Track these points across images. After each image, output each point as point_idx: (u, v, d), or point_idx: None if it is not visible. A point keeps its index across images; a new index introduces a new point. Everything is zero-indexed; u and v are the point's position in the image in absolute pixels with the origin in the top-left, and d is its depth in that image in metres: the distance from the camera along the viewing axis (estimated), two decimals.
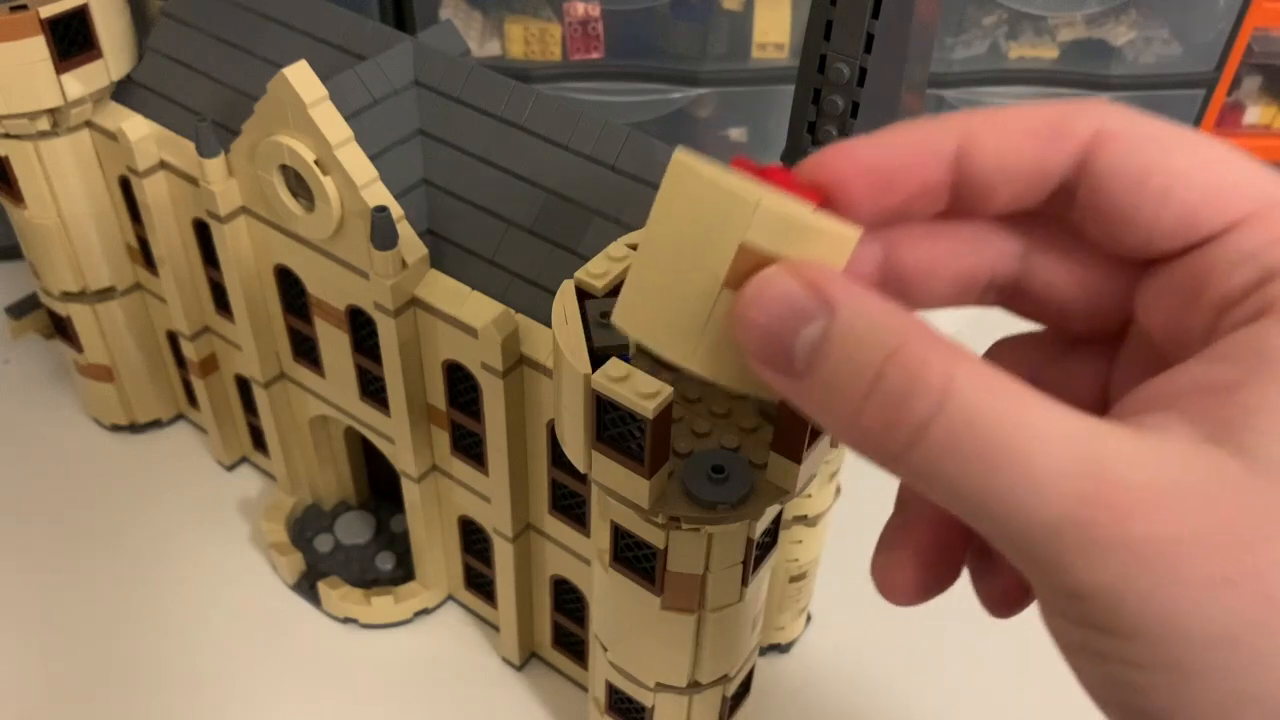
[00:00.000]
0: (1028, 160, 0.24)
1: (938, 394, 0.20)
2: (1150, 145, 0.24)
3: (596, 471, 0.42)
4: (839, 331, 0.22)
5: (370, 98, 0.54)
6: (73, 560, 0.71)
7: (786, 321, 0.22)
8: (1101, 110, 0.24)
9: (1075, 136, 0.24)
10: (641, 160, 0.51)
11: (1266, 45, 0.86)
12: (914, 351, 0.21)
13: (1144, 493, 0.19)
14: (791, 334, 0.22)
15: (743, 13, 0.79)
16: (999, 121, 0.24)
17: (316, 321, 0.61)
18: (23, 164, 0.64)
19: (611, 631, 0.52)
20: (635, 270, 0.25)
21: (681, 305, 0.24)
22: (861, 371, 0.21)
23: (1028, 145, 0.24)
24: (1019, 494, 0.20)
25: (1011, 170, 0.24)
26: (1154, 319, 0.25)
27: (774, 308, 0.22)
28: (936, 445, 0.20)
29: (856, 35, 0.42)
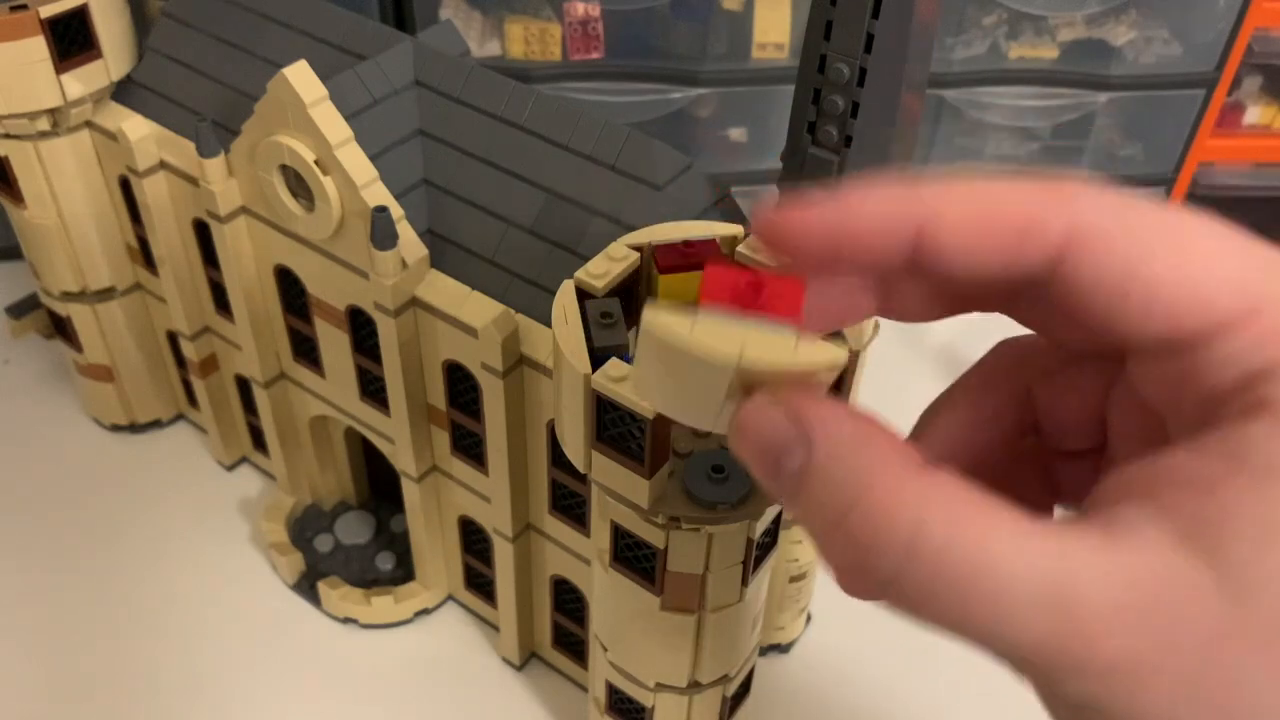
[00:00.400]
0: (993, 263, 0.23)
1: (904, 545, 0.21)
2: (1129, 248, 0.22)
3: (596, 471, 0.42)
4: (815, 469, 0.23)
5: (370, 98, 0.54)
6: (72, 560, 0.71)
7: (772, 452, 0.23)
8: (1076, 203, 0.22)
9: (1046, 238, 0.22)
10: (641, 160, 0.51)
11: (1266, 45, 0.86)
12: (879, 498, 0.22)
13: (1112, 615, 0.20)
14: (777, 463, 0.23)
15: (743, 13, 0.79)
16: (963, 213, 0.23)
17: (316, 321, 0.61)
18: (23, 164, 0.64)
19: (611, 631, 0.52)
20: (641, 367, 0.25)
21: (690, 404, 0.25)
22: (833, 514, 0.22)
23: (993, 247, 0.23)
24: (995, 628, 0.20)
25: (975, 270, 0.23)
26: (1145, 388, 0.25)
27: (760, 440, 0.24)
28: (906, 595, 0.21)
29: (856, 35, 0.42)
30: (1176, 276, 0.22)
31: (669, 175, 0.50)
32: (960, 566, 0.20)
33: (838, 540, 0.22)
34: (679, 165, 0.51)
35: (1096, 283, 0.22)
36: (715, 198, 0.52)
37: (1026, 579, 0.20)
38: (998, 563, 0.20)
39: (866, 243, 0.23)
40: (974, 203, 0.23)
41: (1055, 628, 0.20)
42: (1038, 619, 0.20)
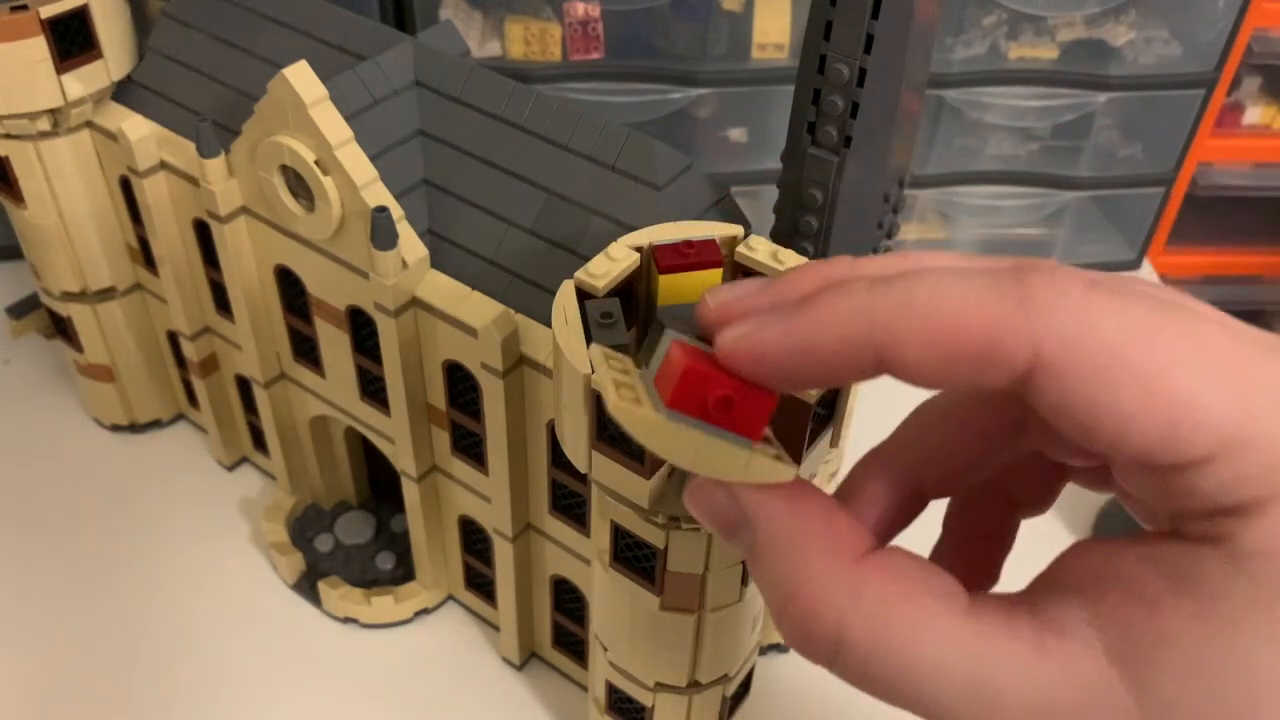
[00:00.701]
0: (960, 383, 0.23)
1: (831, 642, 0.23)
2: (1094, 381, 0.21)
3: (596, 471, 0.42)
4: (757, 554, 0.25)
5: (370, 98, 0.55)
6: (72, 560, 0.71)
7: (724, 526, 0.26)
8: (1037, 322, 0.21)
9: (1010, 364, 0.21)
10: (641, 160, 0.51)
11: (1266, 45, 0.86)
12: (807, 598, 0.23)
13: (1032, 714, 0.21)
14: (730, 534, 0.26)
15: (743, 13, 0.79)
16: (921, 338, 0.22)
17: (317, 321, 0.61)
18: (23, 164, 0.65)
19: (611, 631, 0.52)
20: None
21: None
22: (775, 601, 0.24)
23: (956, 371, 0.22)
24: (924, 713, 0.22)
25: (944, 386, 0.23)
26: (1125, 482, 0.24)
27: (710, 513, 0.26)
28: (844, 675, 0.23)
29: (856, 35, 0.42)
30: (1145, 414, 0.21)
31: (669, 175, 0.50)
32: (885, 664, 0.23)
33: (782, 624, 0.24)
34: (679, 165, 0.51)
35: (1063, 410, 0.22)
36: (715, 198, 0.52)
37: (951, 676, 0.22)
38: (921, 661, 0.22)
39: (827, 368, 0.24)
40: (931, 322, 0.22)
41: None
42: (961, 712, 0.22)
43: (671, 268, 0.43)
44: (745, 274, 0.45)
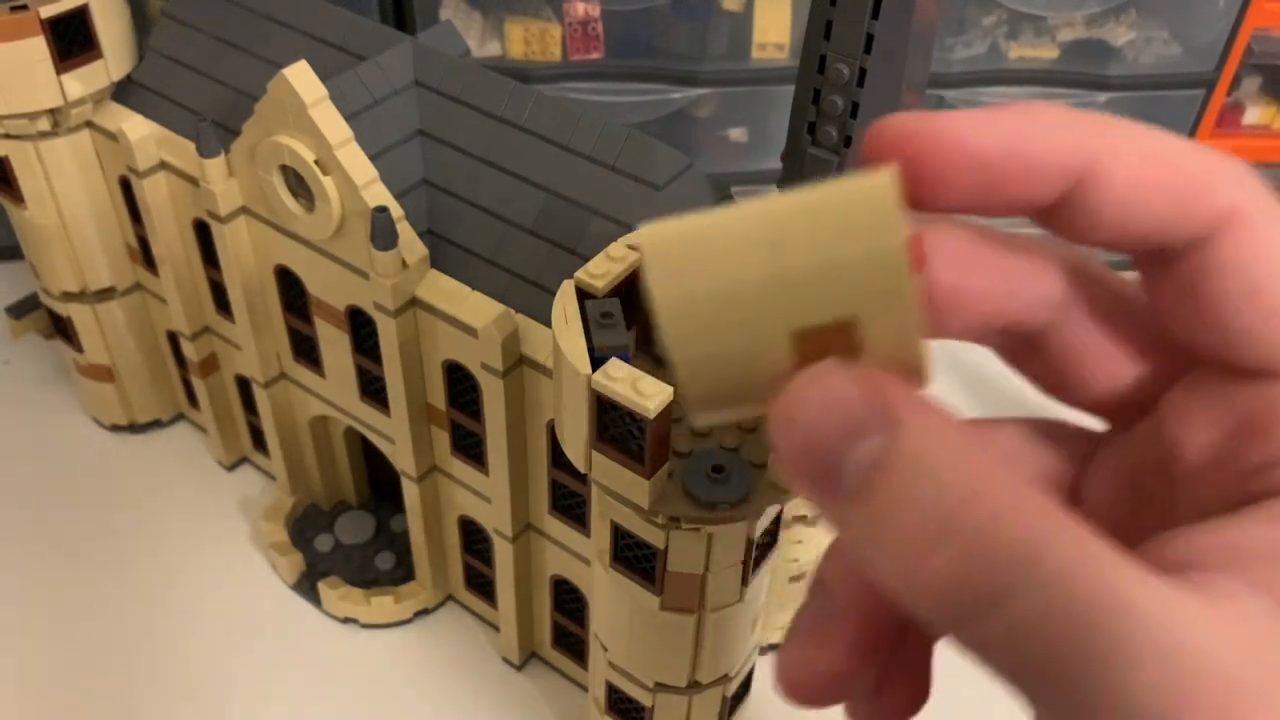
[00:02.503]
0: (1154, 215, 0.20)
1: (1024, 560, 0.17)
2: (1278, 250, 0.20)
3: (596, 471, 0.42)
4: (902, 458, 0.18)
5: (370, 98, 0.55)
6: (72, 560, 0.71)
7: (835, 432, 0.18)
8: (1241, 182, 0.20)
9: (1214, 207, 0.20)
10: (641, 160, 0.51)
11: (1266, 45, 0.86)
12: (994, 500, 0.18)
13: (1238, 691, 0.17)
14: (839, 449, 0.18)
15: (743, 13, 0.79)
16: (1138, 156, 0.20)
17: (316, 321, 0.61)
18: (23, 164, 0.64)
19: (611, 631, 0.52)
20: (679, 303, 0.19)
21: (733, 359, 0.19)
22: (929, 515, 0.18)
23: (1160, 199, 0.20)
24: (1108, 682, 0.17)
25: (1132, 220, 0.20)
26: (1190, 430, 0.21)
27: (821, 413, 0.18)
28: (1017, 620, 0.17)
29: (856, 35, 0.42)
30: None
31: (669, 175, 0.50)
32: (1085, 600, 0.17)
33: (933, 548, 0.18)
34: (679, 165, 0.51)
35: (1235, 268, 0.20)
36: (715, 198, 0.52)
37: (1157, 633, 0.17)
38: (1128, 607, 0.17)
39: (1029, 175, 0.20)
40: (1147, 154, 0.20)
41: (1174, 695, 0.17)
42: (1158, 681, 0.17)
43: None
44: None
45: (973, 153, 0.19)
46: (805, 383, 0.19)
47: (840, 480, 0.18)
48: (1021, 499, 0.18)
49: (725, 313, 0.18)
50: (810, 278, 0.18)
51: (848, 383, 0.18)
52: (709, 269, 0.18)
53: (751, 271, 0.18)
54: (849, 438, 0.18)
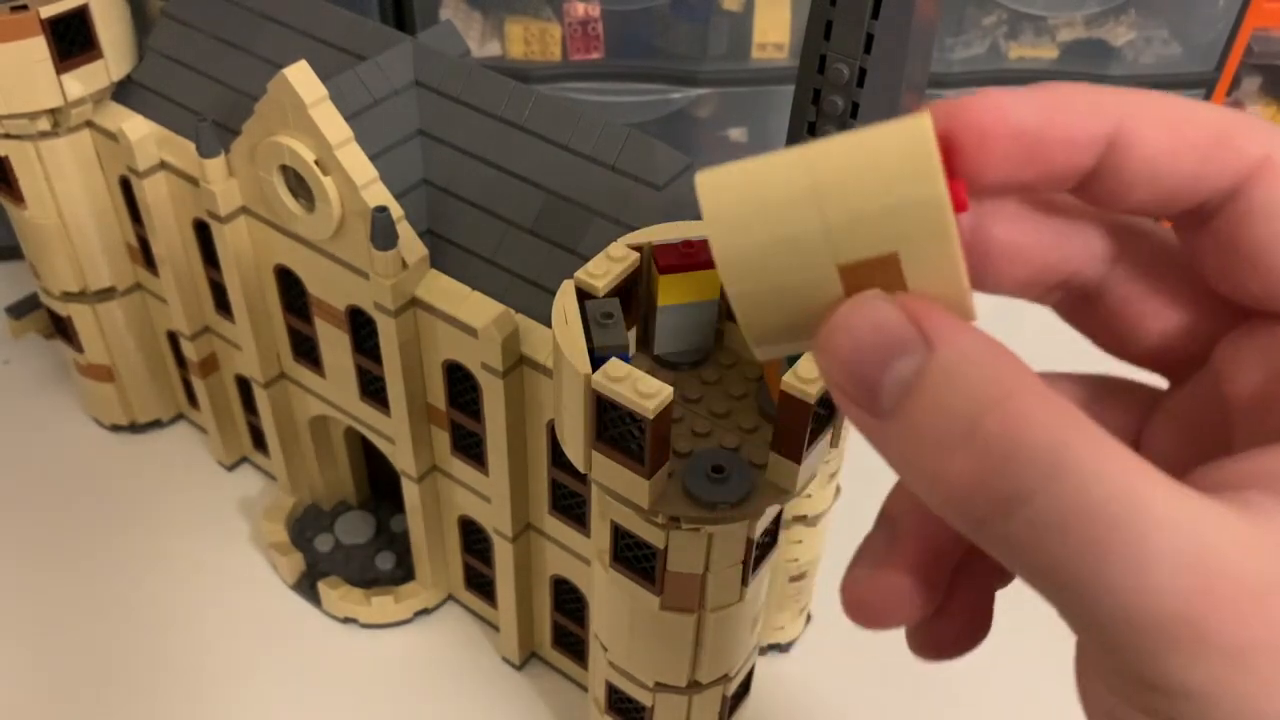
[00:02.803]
0: (1183, 171, 0.21)
1: (1046, 461, 0.18)
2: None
3: (596, 471, 0.42)
4: (935, 371, 0.19)
5: (370, 98, 0.55)
6: (72, 560, 0.71)
7: (875, 353, 0.20)
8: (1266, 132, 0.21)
9: (1241, 158, 0.21)
10: (641, 160, 0.51)
11: (1266, 45, 0.86)
12: (1021, 406, 0.18)
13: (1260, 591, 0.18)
14: (880, 367, 0.19)
15: (743, 13, 0.79)
16: (1161, 117, 0.21)
17: (317, 321, 0.61)
18: (23, 164, 0.65)
19: (611, 631, 0.52)
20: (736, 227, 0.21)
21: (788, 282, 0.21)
22: (957, 421, 0.19)
23: (1187, 155, 0.21)
24: (1126, 581, 0.18)
25: (1162, 178, 0.21)
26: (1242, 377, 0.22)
27: (863, 335, 0.20)
28: (1038, 519, 0.18)
29: (856, 35, 0.43)
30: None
31: (669, 175, 0.50)
32: (1105, 506, 0.18)
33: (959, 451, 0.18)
34: (679, 165, 0.51)
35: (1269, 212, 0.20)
36: None
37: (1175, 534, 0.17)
38: (1149, 507, 0.18)
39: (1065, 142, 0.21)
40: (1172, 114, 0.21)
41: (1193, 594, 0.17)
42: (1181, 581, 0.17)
43: (671, 268, 0.43)
44: None
45: (1012, 123, 0.20)
46: (848, 309, 0.20)
47: (879, 398, 0.19)
48: (1048, 406, 0.18)
49: (777, 252, 0.20)
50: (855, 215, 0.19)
51: (888, 307, 0.20)
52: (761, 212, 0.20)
53: (800, 211, 0.19)
54: (889, 357, 0.19)
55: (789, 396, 0.38)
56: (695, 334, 0.46)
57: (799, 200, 0.20)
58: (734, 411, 0.44)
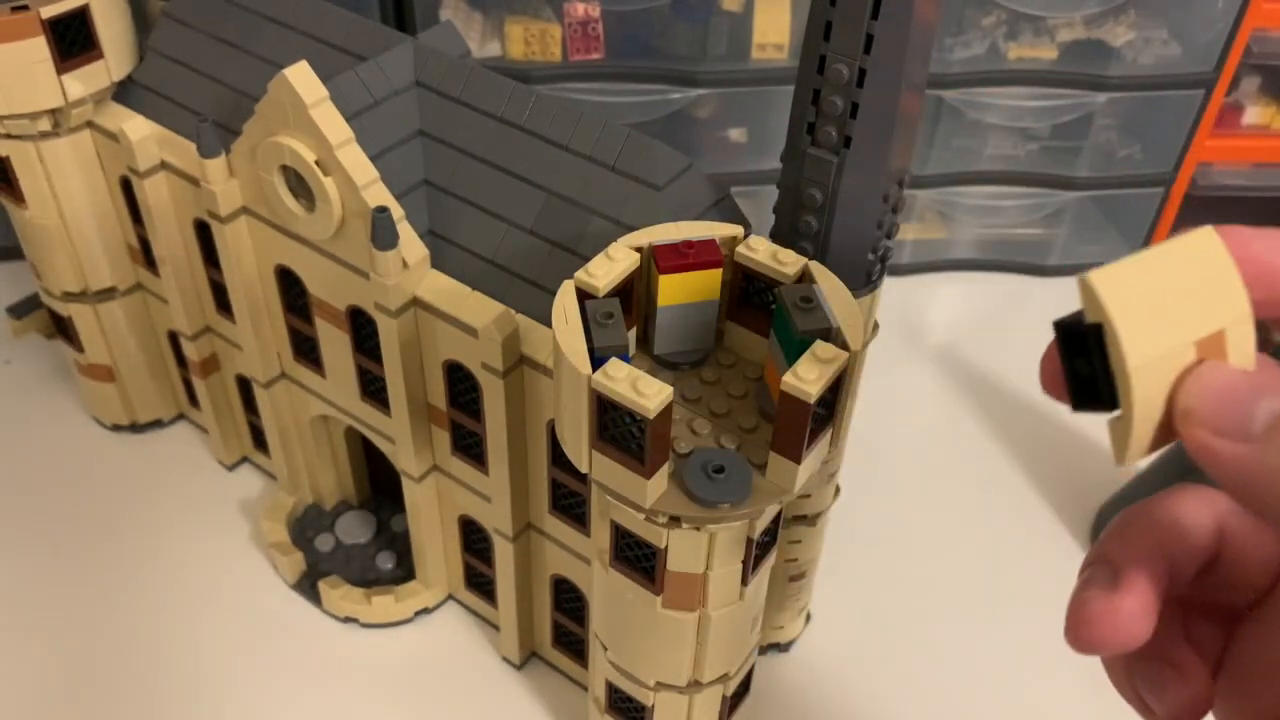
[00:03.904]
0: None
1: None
2: None
3: (597, 471, 0.42)
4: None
5: (371, 98, 0.55)
6: (73, 559, 0.71)
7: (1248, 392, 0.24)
8: None
9: None
10: (641, 160, 0.51)
11: (1265, 45, 0.86)
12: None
13: None
14: (1252, 402, 0.24)
15: (743, 13, 0.79)
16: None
17: (317, 321, 0.61)
18: (24, 164, 0.65)
19: (611, 631, 0.52)
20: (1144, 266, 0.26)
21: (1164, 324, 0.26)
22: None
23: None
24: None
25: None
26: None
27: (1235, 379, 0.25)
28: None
29: (856, 36, 0.43)
30: None
31: (669, 175, 0.50)
32: None
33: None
34: (679, 165, 0.51)
35: None
36: (715, 198, 0.52)
37: None
38: None
39: None
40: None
41: None
42: None
43: (671, 268, 0.43)
44: (745, 274, 0.45)
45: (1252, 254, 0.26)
46: (1213, 367, 0.25)
47: (1251, 425, 0.24)
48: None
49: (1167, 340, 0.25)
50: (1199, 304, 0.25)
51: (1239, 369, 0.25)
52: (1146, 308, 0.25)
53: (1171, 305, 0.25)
54: (1258, 396, 0.24)
55: (789, 396, 0.38)
56: (695, 334, 0.46)
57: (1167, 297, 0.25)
58: (734, 411, 0.44)
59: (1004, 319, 0.93)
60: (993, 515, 0.76)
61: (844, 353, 0.39)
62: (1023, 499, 0.78)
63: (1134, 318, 0.25)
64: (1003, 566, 0.71)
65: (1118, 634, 0.27)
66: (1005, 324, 0.92)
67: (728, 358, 0.47)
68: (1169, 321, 0.25)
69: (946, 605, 0.70)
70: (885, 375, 0.76)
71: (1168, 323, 0.25)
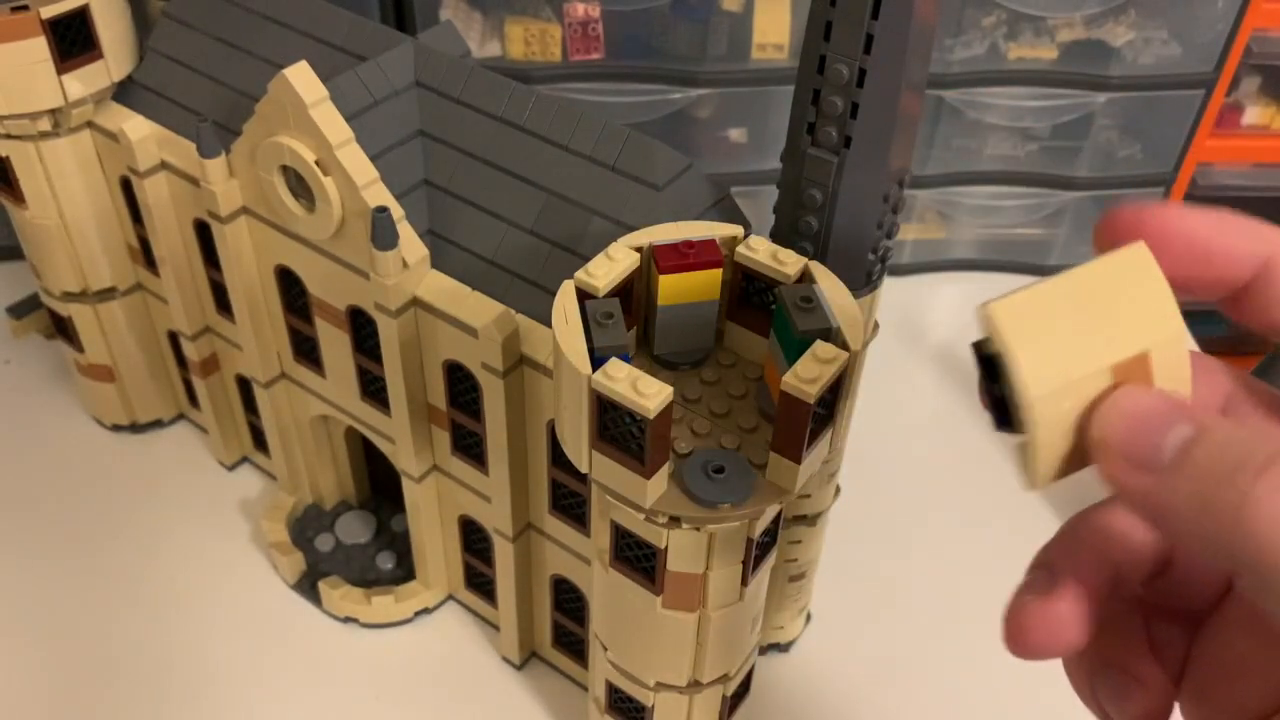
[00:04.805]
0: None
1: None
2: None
3: (597, 471, 0.42)
4: (1214, 434, 0.23)
5: (371, 98, 0.55)
6: (73, 560, 0.71)
7: (1158, 419, 0.24)
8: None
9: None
10: (641, 161, 0.51)
11: (1265, 46, 0.86)
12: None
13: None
14: (1161, 431, 0.24)
15: (743, 13, 0.79)
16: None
17: (317, 321, 0.61)
18: (24, 164, 0.65)
19: (611, 631, 0.52)
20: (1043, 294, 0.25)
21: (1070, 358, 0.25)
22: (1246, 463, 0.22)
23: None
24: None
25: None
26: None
27: (1147, 406, 0.24)
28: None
29: (856, 36, 0.43)
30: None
31: (669, 175, 0.50)
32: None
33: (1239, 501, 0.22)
34: (679, 165, 0.51)
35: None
36: (715, 198, 0.52)
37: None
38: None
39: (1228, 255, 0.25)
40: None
41: None
42: None
43: (671, 268, 0.43)
44: (745, 274, 0.45)
45: (1188, 231, 0.25)
46: (1125, 392, 0.25)
47: (1160, 455, 0.23)
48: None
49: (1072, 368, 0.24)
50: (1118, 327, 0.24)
51: (1156, 391, 0.25)
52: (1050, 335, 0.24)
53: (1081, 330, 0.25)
54: (1167, 424, 0.24)
55: (789, 396, 0.38)
56: (695, 334, 0.46)
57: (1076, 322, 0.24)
58: (734, 411, 0.44)
59: None
60: (993, 515, 0.76)
61: (844, 353, 0.39)
62: (1023, 499, 0.78)
63: (1035, 347, 0.24)
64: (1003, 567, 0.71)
65: (1052, 639, 0.27)
66: None
67: (728, 358, 0.46)
68: (1078, 348, 0.24)
69: (946, 605, 0.70)
70: (885, 375, 0.76)
71: (1077, 350, 0.24)
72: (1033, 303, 0.24)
